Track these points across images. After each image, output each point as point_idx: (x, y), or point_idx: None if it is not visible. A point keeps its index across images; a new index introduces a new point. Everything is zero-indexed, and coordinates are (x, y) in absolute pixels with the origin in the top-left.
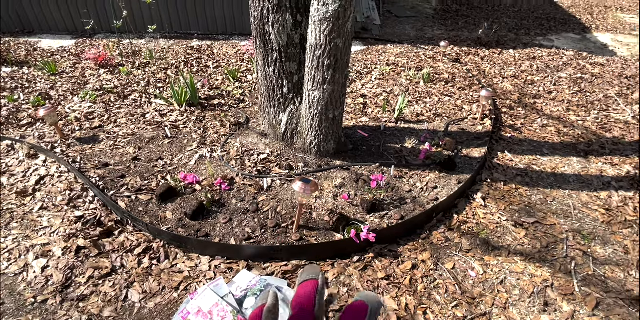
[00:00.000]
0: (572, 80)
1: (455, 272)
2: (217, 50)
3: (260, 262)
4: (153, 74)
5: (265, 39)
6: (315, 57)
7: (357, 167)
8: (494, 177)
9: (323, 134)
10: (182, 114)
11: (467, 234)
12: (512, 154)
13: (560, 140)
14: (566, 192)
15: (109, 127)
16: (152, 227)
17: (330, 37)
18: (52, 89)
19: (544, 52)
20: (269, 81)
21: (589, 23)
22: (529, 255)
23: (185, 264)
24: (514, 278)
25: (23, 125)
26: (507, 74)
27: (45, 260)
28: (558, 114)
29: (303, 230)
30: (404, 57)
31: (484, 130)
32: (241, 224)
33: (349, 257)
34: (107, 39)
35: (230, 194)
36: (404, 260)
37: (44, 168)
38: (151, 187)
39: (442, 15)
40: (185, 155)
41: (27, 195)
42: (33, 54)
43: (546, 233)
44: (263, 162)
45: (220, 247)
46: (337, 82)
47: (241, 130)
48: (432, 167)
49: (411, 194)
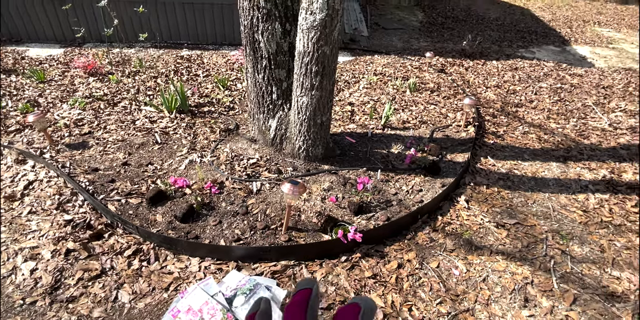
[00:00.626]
0: (552, 89)
1: (439, 270)
2: (207, 60)
3: (249, 263)
4: (143, 82)
5: (255, 46)
6: (303, 64)
7: (344, 171)
8: (476, 181)
9: (311, 139)
10: (172, 120)
11: (451, 234)
12: (495, 159)
13: (541, 147)
14: (546, 195)
15: (99, 133)
16: (142, 230)
17: (317, 44)
18: (41, 96)
19: (525, 63)
20: (259, 88)
21: (568, 36)
22: (510, 254)
23: (175, 265)
24: (495, 276)
25: (11, 132)
26: (491, 84)
27: (34, 262)
28: (539, 122)
29: (292, 232)
30: (390, 67)
31: (467, 137)
32: (231, 226)
33: (337, 257)
34: (97, 47)
35: (220, 197)
36: (390, 260)
37: (32, 173)
38: (141, 191)
39: (428, 28)
40: (175, 160)
41: (16, 200)
42: (21, 62)
43: (527, 233)
44: (252, 166)
45: (210, 249)
46: (324, 88)
47: (231, 136)
48: (418, 171)
49: (397, 196)
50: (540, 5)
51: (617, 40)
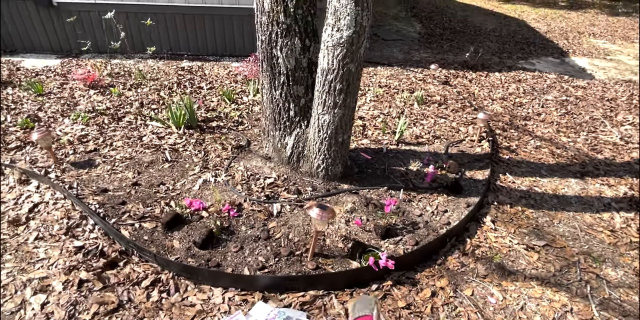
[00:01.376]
0: (558, 102)
1: (474, 298)
2: (209, 71)
3: (276, 293)
4: (146, 95)
5: (273, 62)
6: (327, 82)
7: (365, 191)
8: (499, 200)
9: (331, 157)
10: (180, 136)
11: (482, 258)
12: (514, 176)
13: (556, 162)
14: (570, 213)
15: (105, 150)
16: (159, 258)
17: (343, 62)
18: (40, 110)
19: (528, 75)
20: (275, 104)
21: (566, 47)
22: (545, 279)
23: (197, 296)
24: (533, 304)
25: (11, 149)
26: (496, 96)
27: (45, 295)
28: (549, 136)
29: (318, 258)
30: (394, 79)
31: (482, 152)
32: (253, 253)
33: (367, 285)
34: (94, 58)
35: (239, 221)
36: (422, 288)
37: (37, 194)
38: (155, 214)
39: (427, 39)
40: (188, 180)
41: (21, 224)
42: (16, 73)
43: (557, 256)
44: (270, 186)
45: (233, 278)
46: (347, 106)
47: (243, 153)
48: (440, 190)
49: (422, 218)
50: (535, 17)
51: (614, 52)
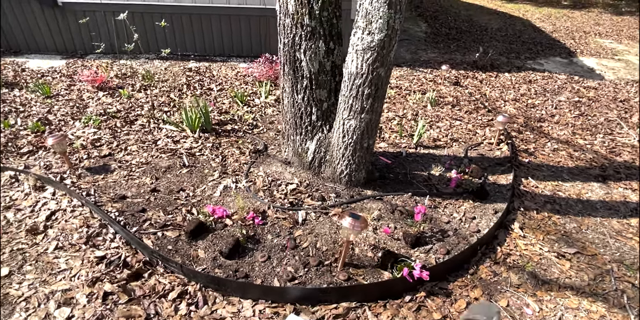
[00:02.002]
0: (571, 103)
1: (510, 309)
2: (217, 72)
3: (307, 305)
4: (156, 97)
5: (296, 66)
6: (354, 86)
7: (389, 197)
8: (525, 205)
9: (355, 163)
10: (196, 140)
11: (514, 267)
12: (536, 180)
13: (575, 165)
14: (597, 219)
15: (120, 155)
16: (186, 268)
17: (373, 66)
18: (50, 113)
19: (538, 76)
20: (297, 108)
21: (573, 47)
22: (580, 288)
23: (226, 309)
24: (570, 315)
25: (24, 154)
26: (508, 97)
27: (69, 309)
28: (565, 138)
29: (349, 268)
30: (405, 79)
31: (502, 156)
32: (281, 263)
33: (400, 296)
34: (99, 59)
35: (265, 229)
36: (456, 299)
37: (53, 202)
38: (177, 222)
39: (433, 39)
40: (208, 186)
41: (39, 233)
42: (21, 74)
43: (590, 264)
44: (293, 193)
45: (263, 290)
46: (375, 111)
47: (262, 158)
48: (465, 195)
49: (451, 225)
50: (539, 16)
51: (621, 52)
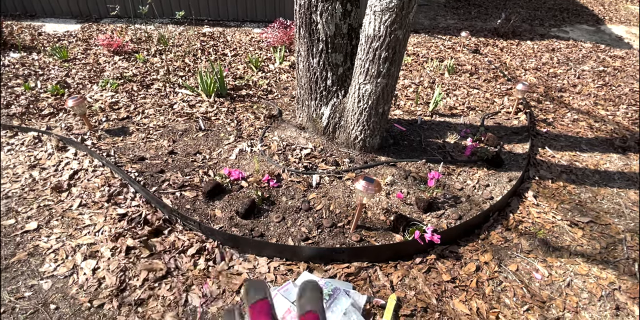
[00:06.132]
0: (595, 73)
1: (520, 274)
2: (231, 38)
3: (320, 264)
4: (171, 61)
5: (312, 28)
6: (371, 49)
7: (403, 163)
8: (540, 175)
9: (370, 129)
10: (211, 105)
11: (525, 234)
12: (553, 150)
13: (595, 136)
14: (614, 190)
15: (137, 118)
16: (204, 226)
17: (391, 28)
18: (68, 76)
19: (561, 44)
20: (312, 73)
21: (601, 14)
22: (591, 256)
23: (242, 265)
24: (580, 280)
25: (45, 116)
26: (529, 66)
27: (95, 261)
28: (587, 108)
29: (361, 230)
30: (422, 47)
31: (520, 125)
32: (295, 223)
33: (411, 258)
34: (114, 23)
35: (279, 191)
36: (466, 262)
37: (75, 162)
38: (194, 183)
39: (453, 4)
40: (224, 149)
41: (63, 191)
42: (38, 38)
43: (603, 233)
44: (307, 157)
45: (277, 248)
46: (391, 75)
47: (277, 123)
48: (479, 163)
49: (464, 192)
50: None
51: None
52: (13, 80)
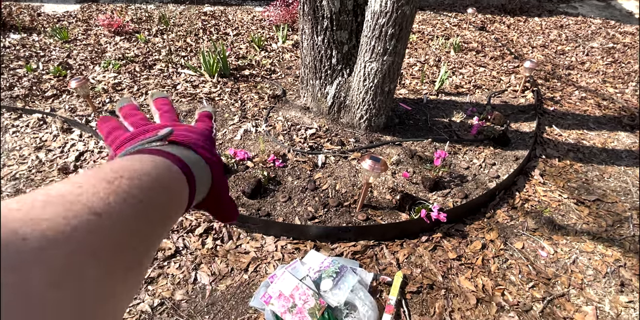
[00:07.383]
0: (604, 50)
1: (525, 251)
2: (232, 17)
3: (327, 243)
4: (173, 41)
5: (316, 5)
6: (377, 26)
7: (409, 143)
8: (547, 153)
9: (375, 108)
10: (215, 85)
11: (531, 212)
12: (560, 128)
13: (603, 114)
14: (621, 168)
15: (141, 99)
16: None
17: (398, 3)
18: (69, 57)
19: (570, 20)
20: (317, 51)
21: None
22: (596, 234)
23: (250, 244)
24: (585, 258)
25: (48, 97)
26: (536, 44)
27: None
28: (595, 86)
29: (367, 209)
30: (428, 24)
31: (527, 103)
32: (302, 203)
33: (417, 237)
34: (114, 3)
35: (285, 171)
36: (472, 240)
37: (81, 143)
38: None
39: None
40: (229, 130)
41: (69, 172)
42: (37, 19)
43: (609, 211)
44: (312, 137)
45: (284, 227)
46: (398, 53)
47: (281, 103)
48: (486, 142)
49: (470, 171)
50: None
51: None
52: (15, 62)
